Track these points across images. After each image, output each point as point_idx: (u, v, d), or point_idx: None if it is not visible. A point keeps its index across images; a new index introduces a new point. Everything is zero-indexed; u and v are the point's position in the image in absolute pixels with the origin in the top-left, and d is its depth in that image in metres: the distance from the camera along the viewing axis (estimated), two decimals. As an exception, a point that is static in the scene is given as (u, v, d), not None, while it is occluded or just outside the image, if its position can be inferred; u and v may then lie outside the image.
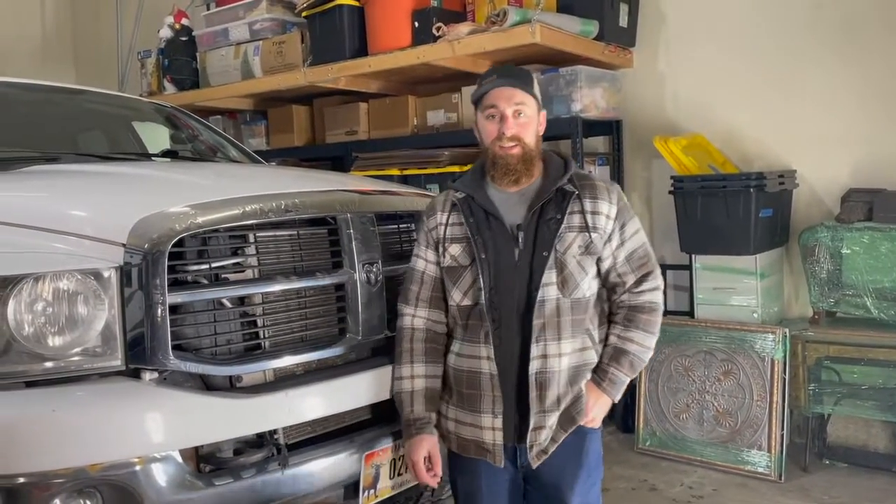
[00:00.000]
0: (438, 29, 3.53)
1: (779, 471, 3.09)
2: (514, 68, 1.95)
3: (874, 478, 3.07)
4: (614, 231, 1.84)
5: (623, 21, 3.66)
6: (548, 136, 3.91)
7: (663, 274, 3.72)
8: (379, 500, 1.98)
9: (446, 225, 1.88)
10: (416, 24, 3.62)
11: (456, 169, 3.68)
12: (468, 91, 3.89)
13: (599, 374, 1.85)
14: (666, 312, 3.56)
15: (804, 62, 3.41)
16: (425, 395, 1.88)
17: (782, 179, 3.32)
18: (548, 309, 1.78)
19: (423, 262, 1.93)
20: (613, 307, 1.90)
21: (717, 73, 3.61)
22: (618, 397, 1.86)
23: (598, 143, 3.99)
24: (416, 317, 1.92)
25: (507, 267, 1.80)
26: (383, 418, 2.06)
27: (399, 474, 2.01)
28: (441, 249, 1.88)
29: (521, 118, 1.81)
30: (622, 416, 3.64)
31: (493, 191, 1.86)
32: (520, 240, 1.80)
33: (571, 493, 1.84)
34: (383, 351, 2.06)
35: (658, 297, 1.88)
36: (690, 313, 3.44)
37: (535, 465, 1.80)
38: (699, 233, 3.30)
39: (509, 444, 1.82)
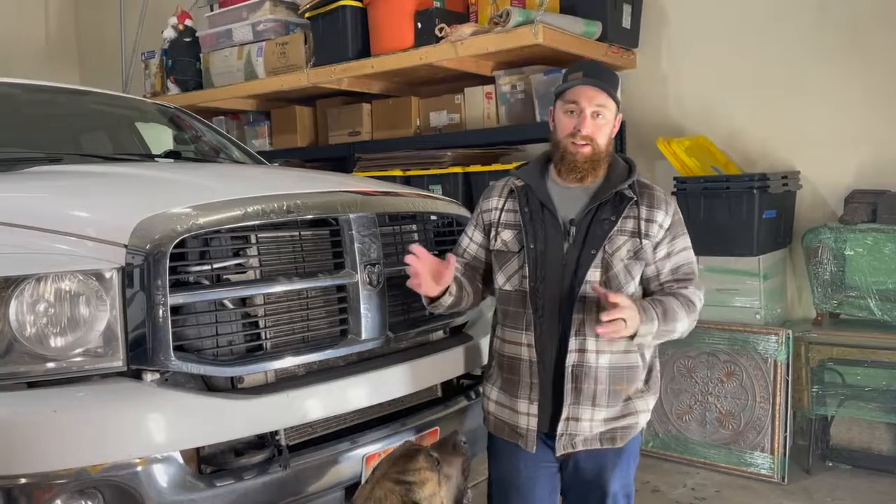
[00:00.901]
0: (441, 30, 3.53)
1: (782, 473, 3.08)
2: (602, 67, 1.95)
3: (878, 480, 3.06)
4: (663, 241, 1.87)
5: (626, 22, 3.66)
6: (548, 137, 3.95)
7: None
8: (380, 501, 1.98)
9: (501, 210, 1.95)
10: (419, 25, 3.62)
11: (458, 170, 3.68)
12: (471, 92, 3.89)
13: (642, 303, 1.80)
14: (669, 314, 3.61)
15: (808, 63, 3.40)
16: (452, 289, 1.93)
17: (785, 180, 3.31)
18: (589, 305, 1.80)
19: (468, 240, 2.03)
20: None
21: (720, 74, 3.60)
22: (643, 329, 1.75)
23: (601, 144, 3.98)
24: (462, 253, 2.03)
25: (554, 259, 1.84)
26: (384, 419, 2.06)
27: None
28: (493, 233, 1.95)
29: (599, 119, 1.84)
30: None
31: (553, 183, 1.91)
32: (571, 234, 1.83)
33: (612, 477, 1.88)
34: (385, 352, 2.06)
35: (697, 301, 1.86)
36: (693, 314, 3.43)
37: (558, 454, 1.84)
38: (702, 234, 3.27)
39: (543, 432, 1.85)
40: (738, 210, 3.16)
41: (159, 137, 3.37)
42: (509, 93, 3.73)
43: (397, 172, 3.81)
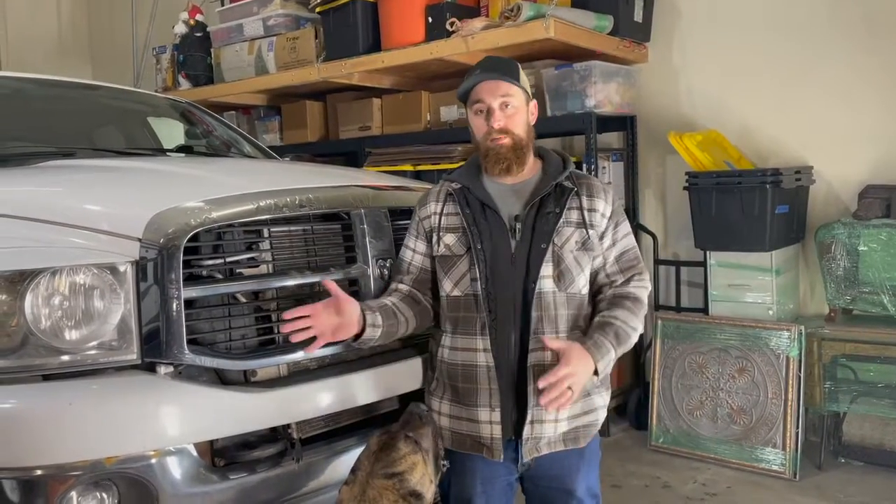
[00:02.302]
0: (452, 24, 3.52)
1: (793, 469, 3.07)
2: (497, 60, 1.94)
3: (890, 477, 3.04)
4: (608, 230, 1.85)
5: (638, 16, 3.64)
6: (562, 132, 3.95)
7: (678, 270, 3.77)
8: (392, 494, 1.98)
9: (441, 214, 1.88)
10: (430, 19, 3.61)
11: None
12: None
13: (585, 337, 1.77)
14: (680, 309, 3.61)
15: (821, 57, 3.37)
16: (381, 305, 1.86)
17: (798, 175, 3.29)
18: (544, 302, 1.78)
19: (411, 252, 1.94)
20: (600, 298, 1.87)
21: (733, 67, 3.58)
22: (602, 366, 1.73)
23: (613, 138, 3.97)
24: (391, 290, 1.94)
25: (503, 259, 1.80)
26: (396, 413, 2.06)
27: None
28: (435, 238, 1.88)
29: (508, 109, 1.82)
30: (635, 413, 3.63)
31: (490, 183, 1.87)
32: (517, 231, 1.80)
33: (576, 480, 1.85)
34: (396, 347, 2.06)
35: (643, 294, 1.87)
36: (705, 310, 3.42)
37: (526, 459, 1.80)
38: (714, 229, 3.28)
39: (507, 439, 1.80)
40: (751, 205, 3.15)
41: (171, 132, 3.38)
42: (520, 87, 3.72)
43: (408, 167, 3.81)
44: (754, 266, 3.22)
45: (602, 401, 1.89)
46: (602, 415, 1.89)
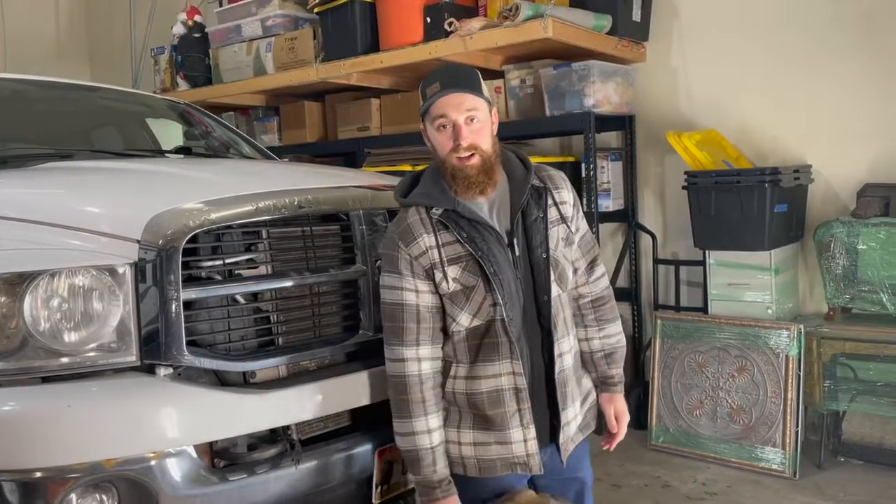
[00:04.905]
0: (451, 24, 3.52)
1: (793, 468, 3.07)
2: (457, 70, 1.83)
3: (890, 476, 3.04)
4: (574, 216, 1.85)
5: (636, 15, 3.64)
6: (561, 132, 3.95)
7: (677, 269, 3.77)
8: (391, 495, 1.98)
9: (438, 247, 1.70)
10: (429, 19, 3.61)
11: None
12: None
13: (608, 383, 1.94)
14: (679, 308, 3.62)
15: (820, 56, 3.37)
16: (444, 450, 1.75)
17: (797, 174, 3.29)
18: (555, 308, 1.77)
19: (414, 293, 1.71)
20: (577, 296, 1.92)
21: (731, 67, 3.58)
22: (622, 386, 1.96)
23: (611, 138, 3.97)
24: (421, 360, 1.72)
25: (509, 275, 1.72)
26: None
27: (412, 470, 2.01)
28: (440, 275, 1.70)
29: (474, 124, 1.71)
30: (635, 413, 3.62)
31: (467, 201, 1.74)
32: (515, 244, 1.74)
33: (583, 466, 1.91)
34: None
35: (607, 282, 1.96)
36: (704, 309, 3.42)
37: (564, 458, 1.81)
38: (713, 228, 3.28)
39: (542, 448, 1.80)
40: (750, 204, 3.14)
41: (169, 133, 3.38)
42: (518, 87, 3.72)
43: (407, 168, 3.81)
44: (753, 265, 3.22)
45: (590, 382, 1.95)
46: (594, 394, 1.95)
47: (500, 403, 1.73)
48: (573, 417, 1.83)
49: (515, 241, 1.74)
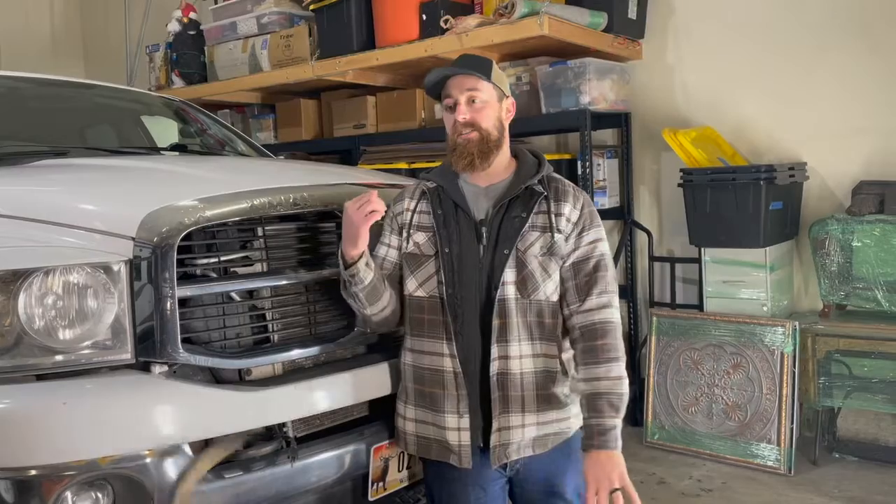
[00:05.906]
0: (446, 21, 3.51)
1: (788, 464, 3.08)
2: (470, 57, 1.93)
3: (884, 472, 3.06)
4: (571, 235, 1.80)
5: (632, 12, 3.64)
6: (557, 129, 3.96)
7: (672, 266, 3.77)
8: (388, 492, 1.98)
9: (414, 211, 1.87)
10: (424, 16, 3.61)
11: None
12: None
13: (586, 434, 1.73)
14: (675, 306, 3.62)
15: (815, 54, 3.38)
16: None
17: (792, 172, 3.30)
18: (506, 309, 1.75)
19: (386, 247, 1.90)
20: (567, 326, 1.82)
21: (727, 64, 3.58)
22: (619, 445, 1.71)
23: (607, 135, 3.98)
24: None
25: (470, 262, 1.77)
26: (390, 411, 2.06)
27: (408, 467, 2.01)
28: (405, 234, 1.86)
29: (475, 103, 1.81)
30: (631, 410, 3.64)
31: (465, 185, 1.85)
32: (483, 235, 1.78)
33: (564, 481, 1.83)
34: (391, 344, 2.06)
35: (613, 316, 1.78)
36: (699, 306, 3.43)
37: (494, 467, 1.77)
38: (708, 225, 3.29)
39: (478, 446, 1.78)
40: (745, 201, 3.15)
41: (165, 130, 3.37)
42: (514, 84, 3.72)
43: (403, 165, 3.81)
44: (748, 262, 3.23)
45: (577, 409, 1.84)
46: (575, 423, 1.84)
47: (440, 384, 1.79)
48: (518, 425, 1.75)
49: (485, 230, 1.78)
